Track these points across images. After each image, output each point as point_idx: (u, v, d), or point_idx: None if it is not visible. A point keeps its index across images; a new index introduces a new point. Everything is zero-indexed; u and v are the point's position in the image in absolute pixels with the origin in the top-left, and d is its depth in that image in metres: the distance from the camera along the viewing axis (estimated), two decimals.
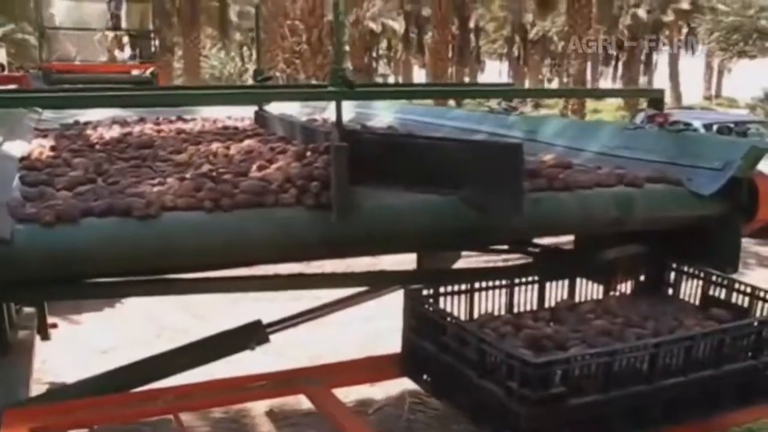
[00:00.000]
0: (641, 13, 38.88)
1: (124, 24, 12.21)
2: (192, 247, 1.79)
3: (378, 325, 5.47)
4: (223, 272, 2.24)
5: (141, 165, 2.41)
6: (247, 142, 2.77)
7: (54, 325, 4.71)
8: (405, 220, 2.00)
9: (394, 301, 2.47)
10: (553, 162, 2.46)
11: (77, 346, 5.17)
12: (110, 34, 12.07)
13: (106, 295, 2.15)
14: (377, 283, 2.79)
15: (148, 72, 11.17)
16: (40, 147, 2.82)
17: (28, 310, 3.82)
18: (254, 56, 23.57)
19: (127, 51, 12.25)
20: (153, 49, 12.61)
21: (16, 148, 2.82)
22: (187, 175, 2.10)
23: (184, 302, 6.04)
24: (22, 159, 2.58)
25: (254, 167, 2.18)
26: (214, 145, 2.69)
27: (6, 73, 12.68)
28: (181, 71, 36.80)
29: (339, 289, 2.91)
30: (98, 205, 1.78)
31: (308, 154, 2.32)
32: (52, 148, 2.79)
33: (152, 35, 12.68)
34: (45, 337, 4.18)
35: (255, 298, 3.45)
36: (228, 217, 1.83)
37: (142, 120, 3.73)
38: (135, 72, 11.34)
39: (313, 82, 13.07)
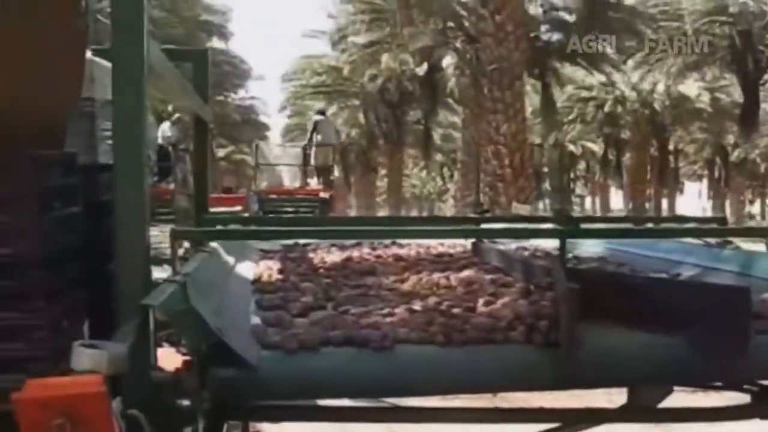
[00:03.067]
0: None
1: (312, 161, 17.30)
2: (423, 380, 1.85)
3: None
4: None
5: (367, 294, 2.51)
6: (465, 273, 2.83)
7: None
8: (629, 359, 1.99)
9: None
10: None
11: None
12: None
13: (336, 419, 2.23)
14: (583, 420, 2.72)
15: (327, 195, 15.35)
16: (268, 269, 2.99)
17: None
18: (454, 177, 24.15)
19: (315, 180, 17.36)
20: (332, 178, 17.89)
21: (247, 270, 3.01)
22: (416, 307, 2.17)
23: None
24: (255, 281, 2.75)
25: (481, 302, 2.22)
26: (435, 275, 2.76)
27: (232, 194, 17.00)
28: (383, 189, 38.04)
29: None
30: (336, 336, 1.88)
31: (532, 288, 2.35)
32: (280, 271, 2.95)
33: (331, 169, 17.96)
34: None
35: None
36: (459, 353, 1.87)
37: (359, 244, 3.87)
38: (322, 195, 15.23)
39: (515, 204, 13.17)
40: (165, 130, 15.27)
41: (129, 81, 1.93)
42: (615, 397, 2.75)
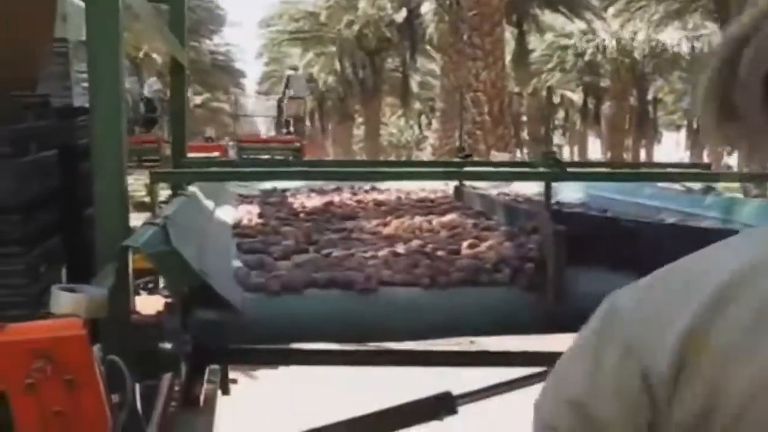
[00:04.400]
0: None
1: (285, 112, 19.02)
2: (407, 322, 1.84)
3: None
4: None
5: (349, 237, 2.48)
6: (448, 217, 2.81)
7: (234, 381, 4.88)
8: None
9: None
10: None
11: (251, 402, 5.31)
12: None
13: (318, 362, 2.22)
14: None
15: (299, 143, 17.27)
16: (248, 214, 2.96)
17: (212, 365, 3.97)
18: (433, 126, 24.20)
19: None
20: (305, 128, 20.39)
21: (227, 214, 2.98)
22: (400, 250, 2.15)
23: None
24: (234, 226, 2.72)
25: (465, 245, 2.21)
26: (417, 219, 2.74)
27: (213, 143, 18.38)
28: (360, 137, 37.89)
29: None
30: (321, 277, 1.86)
31: (516, 231, 2.33)
32: (260, 216, 2.92)
33: (303, 119, 20.04)
34: (226, 392, 4.32)
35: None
36: (444, 295, 1.86)
37: (338, 189, 3.84)
38: (295, 143, 17.20)
39: (494, 152, 13.17)
40: (152, 83, 17.02)
41: (104, 20, 1.86)
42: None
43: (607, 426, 0.71)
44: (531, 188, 3.45)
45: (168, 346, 1.66)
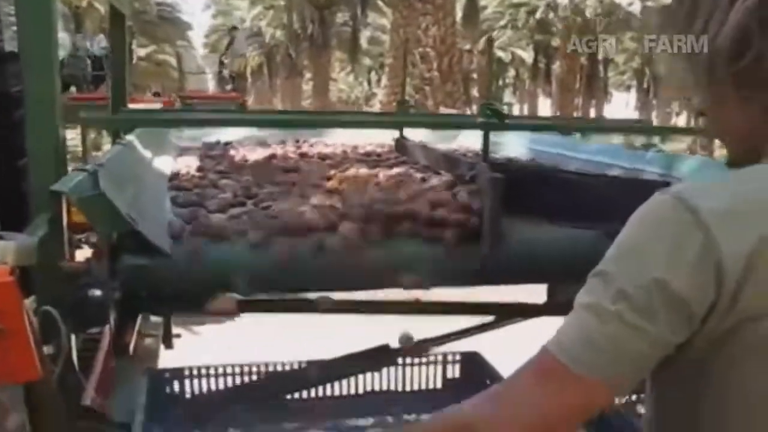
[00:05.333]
0: None
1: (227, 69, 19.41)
2: (343, 273, 1.83)
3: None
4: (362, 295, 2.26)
5: (290, 190, 2.45)
6: (394, 170, 2.79)
7: (177, 335, 4.86)
8: (551, 253, 1.99)
9: None
10: None
11: (195, 357, 5.30)
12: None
13: (253, 310, 2.21)
14: (505, 314, 2.75)
15: (241, 101, 17.07)
16: (186, 166, 2.90)
17: (154, 318, 3.93)
18: (382, 82, 24.15)
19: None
20: (245, 85, 21.12)
21: (165, 165, 2.92)
22: (341, 202, 2.13)
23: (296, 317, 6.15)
24: (171, 178, 2.67)
25: (404, 196, 2.19)
26: (362, 172, 2.72)
27: (160, 98, 18.21)
28: (310, 93, 37.62)
29: None
30: (255, 228, 1.83)
31: (455, 182, 2.32)
32: (199, 168, 2.87)
33: (244, 76, 20.99)
34: (169, 345, 4.30)
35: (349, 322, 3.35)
36: (380, 246, 1.85)
37: (283, 142, 3.79)
38: (239, 100, 17.06)
39: (442, 109, 13.20)
40: (99, 40, 17.24)
41: None
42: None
43: (681, 299, 0.94)
44: (479, 144, 3.46)
45: (97, 293, 1.64)
